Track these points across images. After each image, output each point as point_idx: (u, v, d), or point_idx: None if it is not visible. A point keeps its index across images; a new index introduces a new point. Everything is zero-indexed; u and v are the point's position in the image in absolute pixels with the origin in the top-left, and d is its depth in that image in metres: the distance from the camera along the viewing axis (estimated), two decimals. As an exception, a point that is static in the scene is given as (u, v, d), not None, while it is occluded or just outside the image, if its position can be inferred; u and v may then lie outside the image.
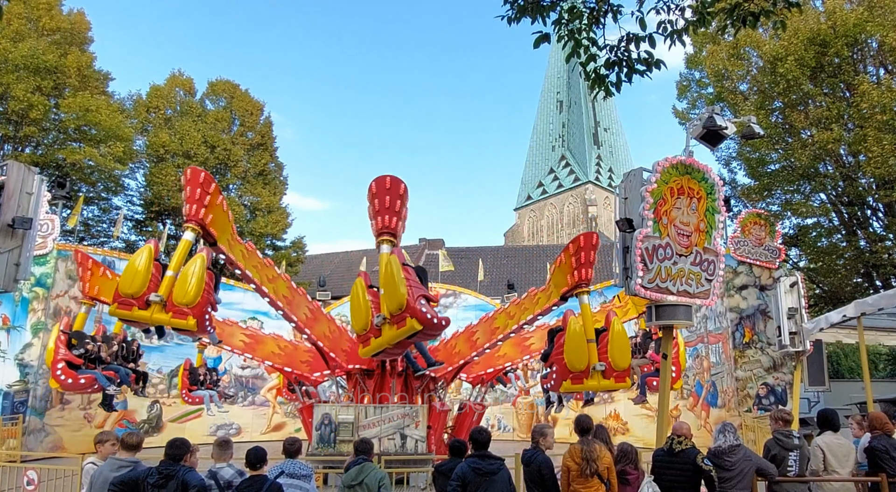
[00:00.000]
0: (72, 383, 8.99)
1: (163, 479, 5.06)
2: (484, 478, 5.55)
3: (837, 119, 17.82)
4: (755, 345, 15.31)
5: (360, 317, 8.29)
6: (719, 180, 7.75)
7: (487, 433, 6.05)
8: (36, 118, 21.21)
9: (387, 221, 8.60)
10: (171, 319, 7.87)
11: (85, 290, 10.33)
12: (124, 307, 7.85)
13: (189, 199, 8.47)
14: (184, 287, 7.90)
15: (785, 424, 6.74)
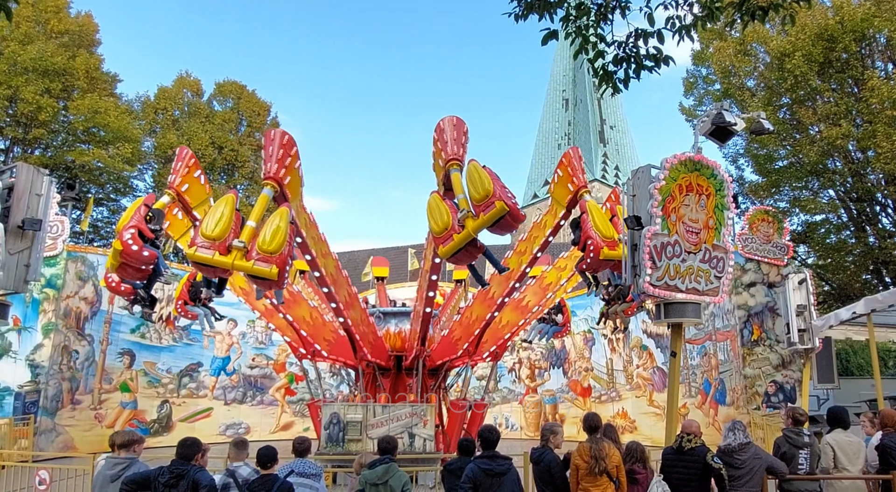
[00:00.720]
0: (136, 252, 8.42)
1: (174, 478, 5.09)
2: (494, 479, 5.56)
3: (846, 115, 17.72)
4: (764, 342, 15.23)
5: (440, 219, 8.27)
6: (728, 177, 7.70)
7: (497, 433, 6.04)
8: (45, 120, 21.38)
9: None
10: (253, 267, 7.72)
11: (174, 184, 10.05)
12: (204, 251, 7.68)
13: (268, 158, 8.62)
14: (270, 234, 7.80)
15: (796, 423, 6.71)
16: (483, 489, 5.53)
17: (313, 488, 6.09)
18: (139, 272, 9.10)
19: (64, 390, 17.06)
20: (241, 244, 7.77)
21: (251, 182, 29.26)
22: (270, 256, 7.76)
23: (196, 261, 8.07)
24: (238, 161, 28.37)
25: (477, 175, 8.21)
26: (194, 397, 20.69)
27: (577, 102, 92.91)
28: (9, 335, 16.14)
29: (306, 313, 13.94)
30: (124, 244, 8.30)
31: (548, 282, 13.90)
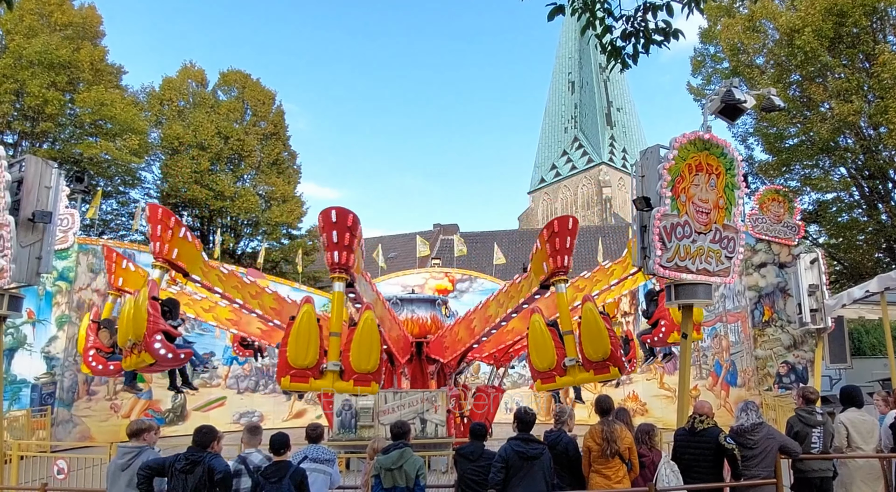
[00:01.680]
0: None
1: (189, 464, 5.15)
2: (527, 462, 5.55)
3: (857, 90, 17.41)
4: (775, 323, 15.15)
5: (545, 354, 8.06)
6: (738, 155, 7.60)
7: (533, 415, 6.02)
8: (52, 113, 21.43)
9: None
10: (354, 388, 7.65)
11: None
12: (299, 380, 7.54)
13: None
14: (364, 353, 7.61)
15: (809, 402, 6.67)
16: (514, 471, 5.54)
17: (327, 474, 6.14)
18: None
19: (79, 382, 17.28)
20: (336, 368, 7.57)
21: (258, 171, 29.27)
22: (369, 374, 7.65)
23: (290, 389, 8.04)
24: (244, 151, 28.36)
25: (597, 328, 7.88)
26: (208, 386, 20.91)
27: (583, 85, 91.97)
28: (24, 328, 16.32)
29: None
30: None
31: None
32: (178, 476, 5.15)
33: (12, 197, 7.11)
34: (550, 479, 5.65)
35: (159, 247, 8.26)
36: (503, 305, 10.84)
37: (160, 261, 8.32)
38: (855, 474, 6.36)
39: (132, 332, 7.85)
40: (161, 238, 8.27)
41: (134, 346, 7.85)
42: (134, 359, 7.93)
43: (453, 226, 44.14)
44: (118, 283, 10.53)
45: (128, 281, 10.52)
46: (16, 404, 15.53)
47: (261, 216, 28.09)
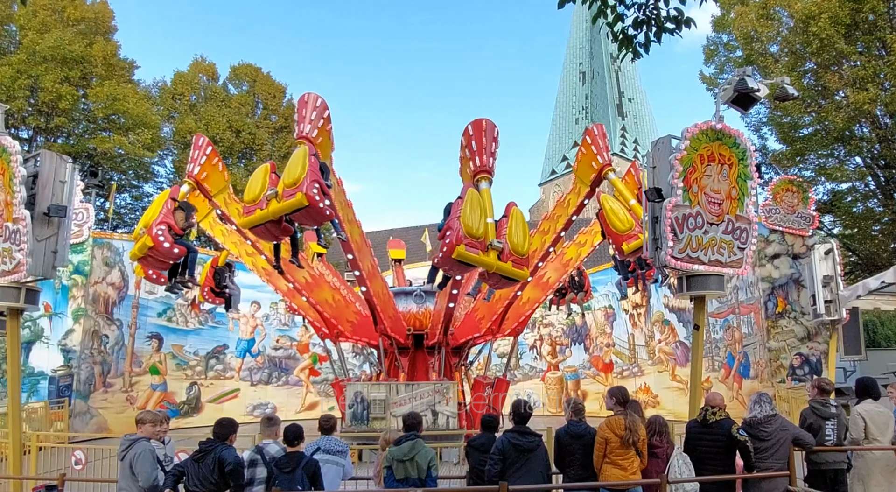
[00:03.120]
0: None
1: (201, 454, 5.22)
2: (522, 454, 5.58)
3: (873, 78, 17.12)
4: (788, 315, 15.01)
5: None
6: (751, 145, 7.52)
7: (529, 408, 6.04)
8: (65, 108, 21.62)
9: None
10: (510, 268, 7.76)
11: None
12: (472, 248, 7.57)
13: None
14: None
15: (822, 393, 6.62)
16: (510, 463, 5.57)
17: (339, 465, 6.19)
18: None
19: (96, 374, 17.54)
20: (499, 244, 7.64)
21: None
22: (524, 258, 7.84)
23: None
24: (255, 144, 28.47)
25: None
26: (221, 378, 21.14)
27: (594, 75, 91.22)
28: (41, 321, 16.56)
29: (329, 296, 14.04)
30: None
31: (568, 258, 13.80)
32: (191, 465, 5.23)
33: (28, 192, 7.20)
34: (546, 470, 5.67)
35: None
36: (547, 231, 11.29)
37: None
38: (873, 466, 6.26)
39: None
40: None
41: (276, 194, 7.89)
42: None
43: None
44: (202, 175, 10.25)
45: (210, 179, 10.25)
46: (34, 397, 15.80)
47: (272, 209, 28.20)
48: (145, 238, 8.73)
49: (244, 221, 8.26)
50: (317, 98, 8.91)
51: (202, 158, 9.90)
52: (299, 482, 5.39)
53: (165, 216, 8.82)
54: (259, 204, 7.89)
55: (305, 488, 5.40)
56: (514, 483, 5.47)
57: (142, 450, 5.44)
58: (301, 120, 8.73)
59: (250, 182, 8.20)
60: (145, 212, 9.43)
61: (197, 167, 9.85)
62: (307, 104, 8.80)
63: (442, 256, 7.67)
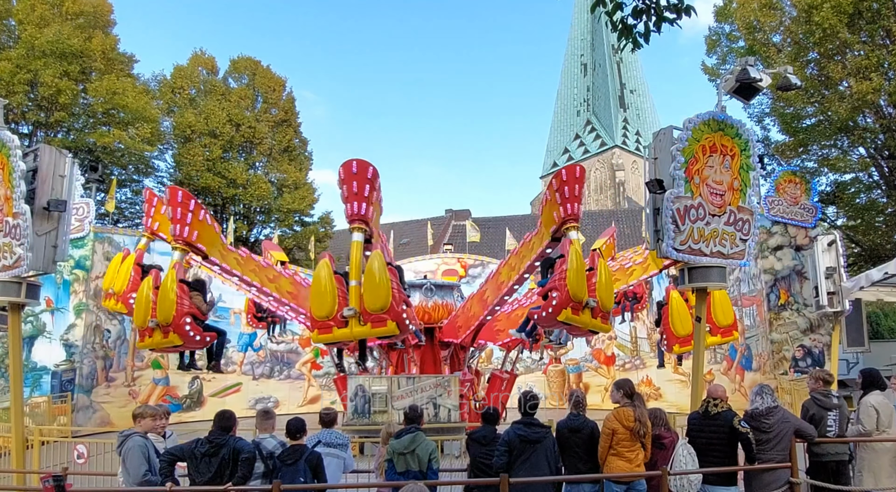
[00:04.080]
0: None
1: (214, 447, 5.22)
2: (529, 445, 5.57)
3: (877, 68, 16.98)
4: (791, 307, 14.98)
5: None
6: (753, 136, 7.46)
7: (533, 398, 6.02)
8: (65, 103, 21.55)
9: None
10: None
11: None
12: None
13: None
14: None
15: (825, 384, 6.60)
16: (517, 454, 5.56)
17: (340, 458, 6.20)
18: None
19: (98, 368, 17.58)
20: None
21: (269, 159, 29.30)
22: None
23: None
24: (255, 138, 28.38)
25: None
26: (223, 372, 21.14)
27: (595, 67, 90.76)
28: (42, 316, 16.59)
29: None
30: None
31: None
32: (202, 460, 5.21)
33: (28, 186, 7.18)
34: (555, 462, 5.66)
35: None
36: (515, 267, 10.59)
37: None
38: (883, 457, 6.23)
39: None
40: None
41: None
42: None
43: (465, 211, 44.07)
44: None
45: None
46: (37, 391, 15.85)
47: (273, 203, 28.17)
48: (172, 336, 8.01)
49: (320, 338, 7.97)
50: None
51: (187, 215, 8.63)
52: (302, 475, 5.40)
53: (188, 307, 8.15)
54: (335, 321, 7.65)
55: (308, 480, 5.41)
56: (521, 475, 5.47)
57: (132, 444, 5.45)
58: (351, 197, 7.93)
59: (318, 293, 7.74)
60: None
61: (185, 228, 8.64)
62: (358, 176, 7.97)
63: (546, 316, 7.77)
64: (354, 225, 8.13)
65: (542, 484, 5.56)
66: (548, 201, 8.87)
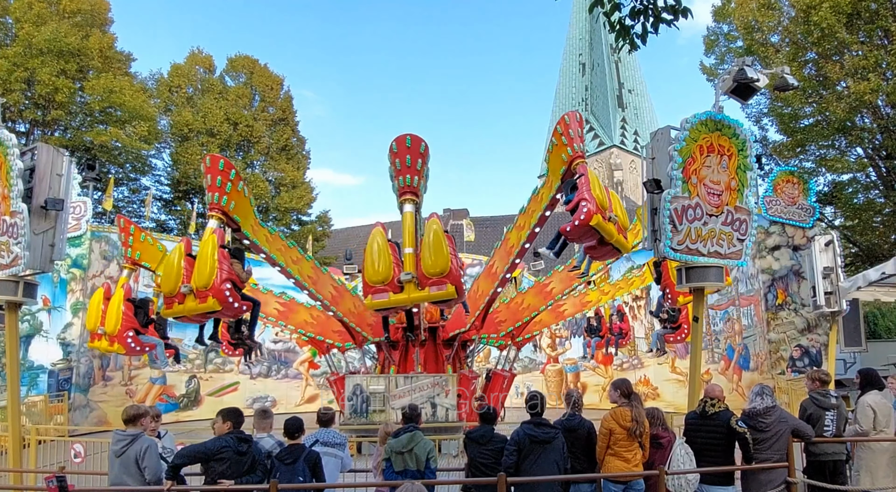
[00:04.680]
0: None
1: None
2: (539, 446, 5.56)
3: (875, 68, 17.00)
4: (788, 307, 14.98)
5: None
6: (750, 136, 7.46)
7: (535, 398, 6.00)
8: (62, 101, 21.50)
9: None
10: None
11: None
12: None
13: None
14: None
15: (822, 384, 6.60)
16: (526, 454, 5.56)
17: (338, 457, 6.19)
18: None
19: (95, 368, 17.54)
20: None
21: (267, 157, 29.27)
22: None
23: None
24: (253, 137, 28.36)
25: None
26: (221, 372, 21.14)
27: (594, 66, 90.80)
28: (39, 315, 16.54)
29: (306, 316, 14.22)
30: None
31: (588, 299, 14.22)
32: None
33: (25, 185, 7.18)
34: (564, 463, 5.65)
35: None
36: (524, 226, 10.52)
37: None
38: (880, 457, 6.24)
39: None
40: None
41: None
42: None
43: (463, 211, 44.04)
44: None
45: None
46: (34, 390, 15.80)
47: (270, 202, 28.16)
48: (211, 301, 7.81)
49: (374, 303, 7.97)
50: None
51: (227, 184, 8.47)
52: (301, 474, 5.42)
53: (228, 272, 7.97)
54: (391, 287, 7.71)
55: (307, 479, 5.43)
56: (530, 474, 5.48)
57: (149, 443, 5.46)
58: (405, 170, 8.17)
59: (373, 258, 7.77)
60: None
61: (224, 196, 8.45)
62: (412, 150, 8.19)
63: (578, 225, 7.79)
64: (406, 197, 8.25)
65: (547, 484, 5.55)
66: (555, 147, 9.04)
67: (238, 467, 5.19)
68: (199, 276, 7.78)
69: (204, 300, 7.70)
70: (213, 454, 5.19)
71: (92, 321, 10.47)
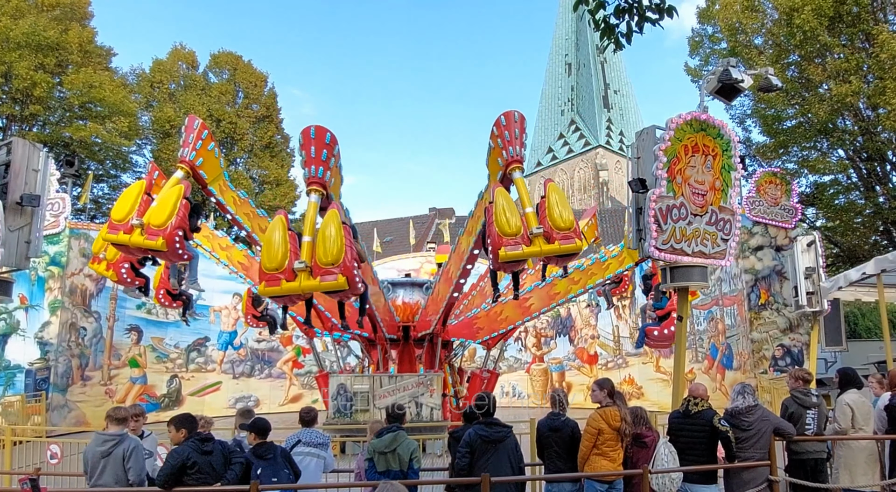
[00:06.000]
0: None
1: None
2: (491, 445, 5.54)
3: (856, 71, 17.25)
4: (771, 306, 15.12)
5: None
6: (735, 136, 7.49)
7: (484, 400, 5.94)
8: (40, 96, 21.11)
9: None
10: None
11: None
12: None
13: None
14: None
15: (804, 383, 6.65)
16: (479, 454, 5.53)
17: (321, 458, 6.13)
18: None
19: (74, 367, 17.23)
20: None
21: (250, 155, 29.00)
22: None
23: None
24: (237, 134, 28.08)
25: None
26: (203, 371, 20.88)
27: (580, 67, 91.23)
28: (17, 314, 16.21)
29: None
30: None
31: (556, 290, 13.88)
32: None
33: (0, 181, 6.99)
34: (517, 461, 5.64)
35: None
36: (471, 232, 10.32)
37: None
38: (858, 455, 6.31)
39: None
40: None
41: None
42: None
43: (449, 209, 43.99)
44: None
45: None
46: (10, 390, 15.49)
47: (254, 200, 27.89)
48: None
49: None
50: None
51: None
52: (283, 467, 5.44)
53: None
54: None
55: (289, 471, 5.48)
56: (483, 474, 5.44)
57: (136, 444, 5.39)
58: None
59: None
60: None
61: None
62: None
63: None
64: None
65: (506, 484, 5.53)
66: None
67: (213, 469, 5.09)
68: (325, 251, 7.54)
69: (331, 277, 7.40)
70: (180, 470, 5.03)
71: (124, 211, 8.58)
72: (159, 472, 5.15)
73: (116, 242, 7.91)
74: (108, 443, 5.31)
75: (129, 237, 7.75)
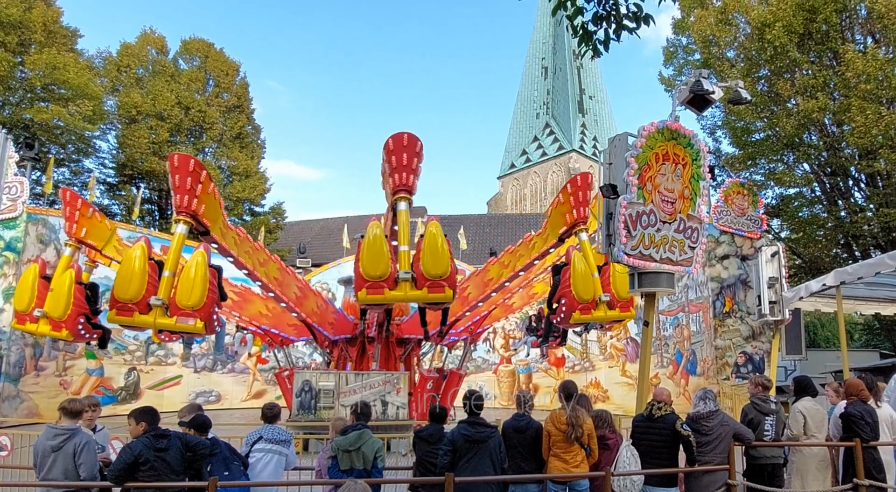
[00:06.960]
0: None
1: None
2: (474, 445, 5.51)
3: (823, 87, 17.71)
4: (735, 314, 15.42)
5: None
6: (704, 146, 7.59)
7: (479, 399, 5.93)
8: (1, 76, 20.32)
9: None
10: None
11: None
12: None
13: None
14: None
15: (764, 389, 6.78)
16: (461, 454, 5.49)
17: (283, 454, 6.05)
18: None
19: (27, 356, 16.65)
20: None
21: (219, 145, 28.42)
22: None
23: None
24: (206, 123, 27.47)
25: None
26: (163, 364, 20.41)
27: (556, 71, 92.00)
28: (-33, 300, 15.59)
29: (262, 307, 13.76)
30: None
31: (535, 291, 14.05)
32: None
33: (-50, 161, 6.69)
34: (500, 461, 5.62)
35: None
36: (509, 265, 10.81)
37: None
38: (809, 461, 6.49)
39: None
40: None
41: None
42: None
43: (421, 208, 43.83)
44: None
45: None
46: (-42, 379, 14.88)
47: (222, 191, 27.36)
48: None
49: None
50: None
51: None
52: (233, 460, 5.46)
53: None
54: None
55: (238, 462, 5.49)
56: (465, 474, 5.41)
57: (88, 439, 5.21)
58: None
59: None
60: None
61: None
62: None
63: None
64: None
65: (486, 484, 5.50)
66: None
67: (167, 466, 4.92)
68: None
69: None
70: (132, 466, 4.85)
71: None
72: (110, 468, 4.98)
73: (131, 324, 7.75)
74: (60, 437, 5.12)
75: (152, 319, 7.58)
